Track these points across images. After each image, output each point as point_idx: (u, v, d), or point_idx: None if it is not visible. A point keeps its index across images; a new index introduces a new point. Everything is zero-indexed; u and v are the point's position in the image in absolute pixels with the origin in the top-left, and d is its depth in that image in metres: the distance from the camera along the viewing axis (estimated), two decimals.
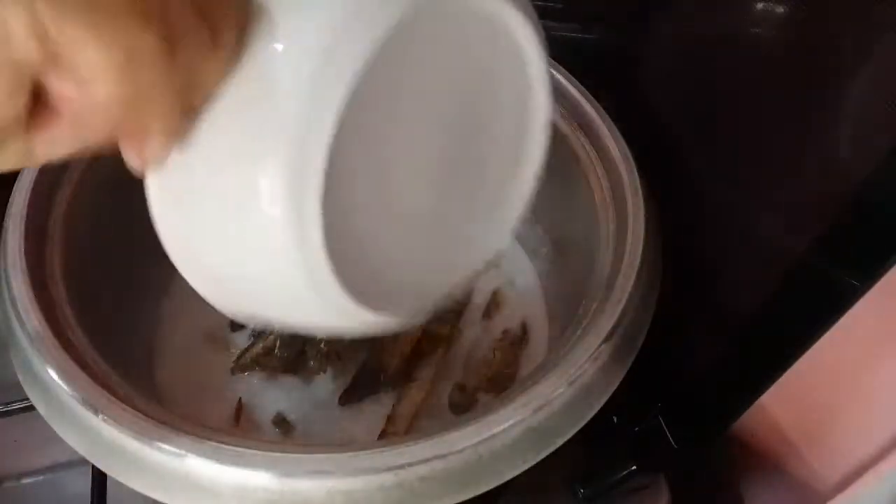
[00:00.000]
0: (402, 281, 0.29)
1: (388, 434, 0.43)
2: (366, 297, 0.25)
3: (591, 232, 0.40)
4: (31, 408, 0.32)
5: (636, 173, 0.39)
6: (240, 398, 0.44)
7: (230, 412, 0.44)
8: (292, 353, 0.45)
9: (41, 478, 0.43)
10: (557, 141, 0.44)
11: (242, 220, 0.23)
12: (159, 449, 0.29)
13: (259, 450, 0.29)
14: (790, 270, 0.31)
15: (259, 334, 0.47)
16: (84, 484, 0.41)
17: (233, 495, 0.28)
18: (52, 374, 0.31)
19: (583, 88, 0.44)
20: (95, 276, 0.40)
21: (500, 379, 0.46)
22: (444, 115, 0.29)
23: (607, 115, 0.42)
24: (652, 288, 0.37)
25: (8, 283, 0.34)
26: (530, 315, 0.50)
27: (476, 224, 0.32)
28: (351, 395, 0.45)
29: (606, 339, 0.33)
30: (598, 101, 0.43)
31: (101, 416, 0.30)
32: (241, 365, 0.46)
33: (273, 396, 0.45)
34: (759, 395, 0.35)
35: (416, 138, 0.28)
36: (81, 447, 0.30)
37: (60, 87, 0.19)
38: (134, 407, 0.30)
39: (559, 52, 0.45)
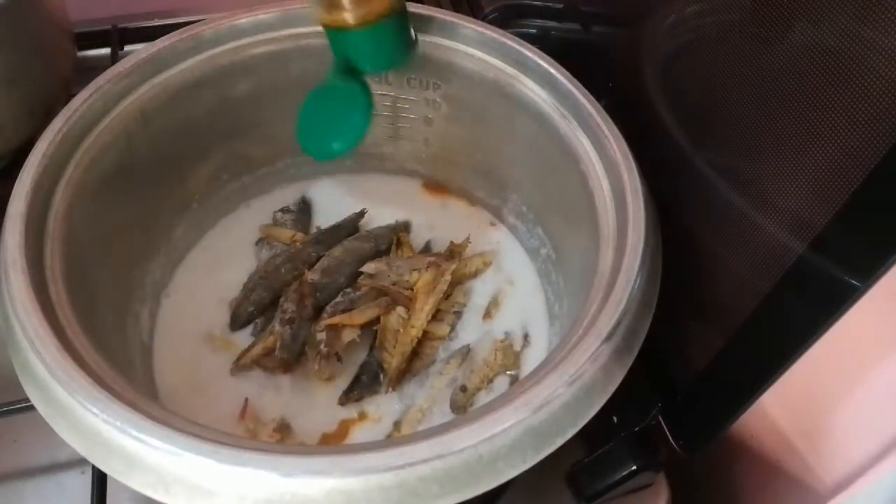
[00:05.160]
0: None
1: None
2: None
3: (591, 232, 0.40)
4: (31, 408, 0.32)
5: (636, 173, 0.39)
6: (246, 398, 0.44)
7: (230, 412, 0.44)
8: (292, 353, 0.45)
9: (41, 478, 0.43)
10: (558, 141, 0.44)
11: None
12: (159, 449, 0.29)
13: (259, 450, 0.29)
14: (790, 270, 0.31)
15: (259, 334, 0.47)
16: (84, 484, 0.41)
17: (233, 495, 0.28)
18: (52, 374, 0.31)
19: (583, 88, 0.44)
20: (95, 276, 0.40)
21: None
22: None
23: (607, 115, 0.42)
24: (652, 288, 0.37)
25: (8, 283, 0.34)
26: (530, 315, 0.50)
27: None
28: (351, 395, 0.45)
29: (606, 339, 0.33)
30: (598, 101, 0.43)
31: (101, 416, 0.30)
32: (241, 365, 0.46)
33: (273, 397, 0.45)
34: (759, 396, 0.35)
35: None
36: (81, 447, 0.30)
37: None
38: (134, 407, 0.30)
39: (559, 52, 0.45)
